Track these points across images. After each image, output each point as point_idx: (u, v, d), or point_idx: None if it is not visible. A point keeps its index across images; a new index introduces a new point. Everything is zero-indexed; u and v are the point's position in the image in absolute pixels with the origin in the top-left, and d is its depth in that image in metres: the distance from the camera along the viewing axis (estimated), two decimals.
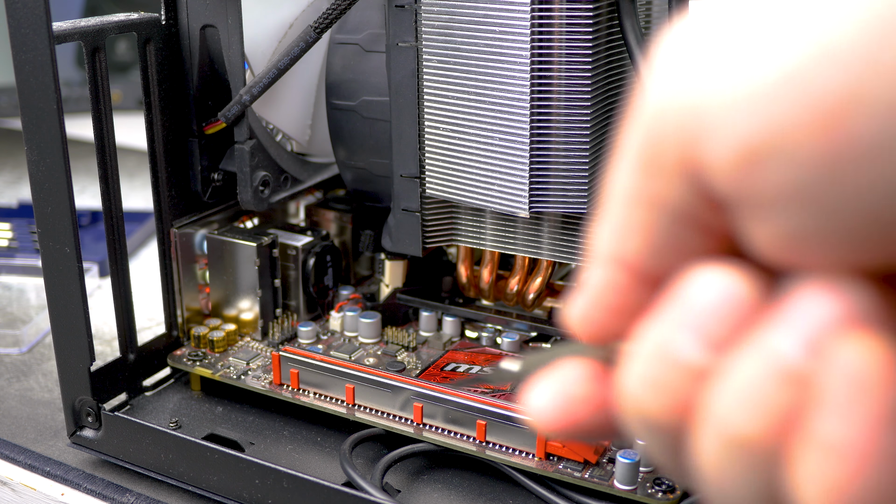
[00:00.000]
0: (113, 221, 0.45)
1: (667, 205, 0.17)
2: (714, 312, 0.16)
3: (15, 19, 0.39)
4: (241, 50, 0.47)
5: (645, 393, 0.17)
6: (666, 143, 0.16)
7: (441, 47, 0.43)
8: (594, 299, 0.18)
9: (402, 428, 0.44)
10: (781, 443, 0.15)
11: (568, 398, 0.19)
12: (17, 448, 0.47)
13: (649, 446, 0.18)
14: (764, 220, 0.15)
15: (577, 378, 0.19)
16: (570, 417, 0.19)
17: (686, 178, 0.16)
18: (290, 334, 0.52)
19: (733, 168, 0.15)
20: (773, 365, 0.15)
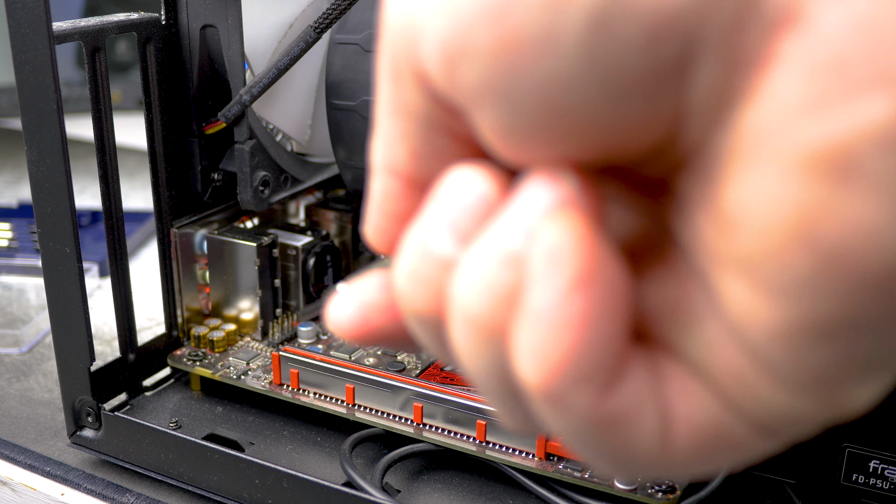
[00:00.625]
0: (113, 221, 0.45)
1: (413, 112, 0.18)
2: (462, 207, 0.17)
3: (15, 19, 0.39)
4: (241, 50, 0.47)
5: (409, 287, 0.18)
6: (398, 55, 0.17)
7: None
8: (377, 209, 0.19)
9: (402, 428, 0.44)
10: (504, 319, 0.16)
11: (364, 305, 0.19)
12: (17, 448, 0.47)
13: (423, 340, 0.19)
14: (477, 117, 0.16)
15: (374, 286, 0.20)
16: (366, 324, 0.19)
17: (418, 84, 0.17)
18: (290, 334, 0.52)
19: (440, 70, 0.16)
20: (496, 250, 0.16)
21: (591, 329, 0.15)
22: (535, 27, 0.15)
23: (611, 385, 0.16)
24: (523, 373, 0.16)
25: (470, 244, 0.17)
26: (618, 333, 0.16)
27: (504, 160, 0.17)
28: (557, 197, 0.16)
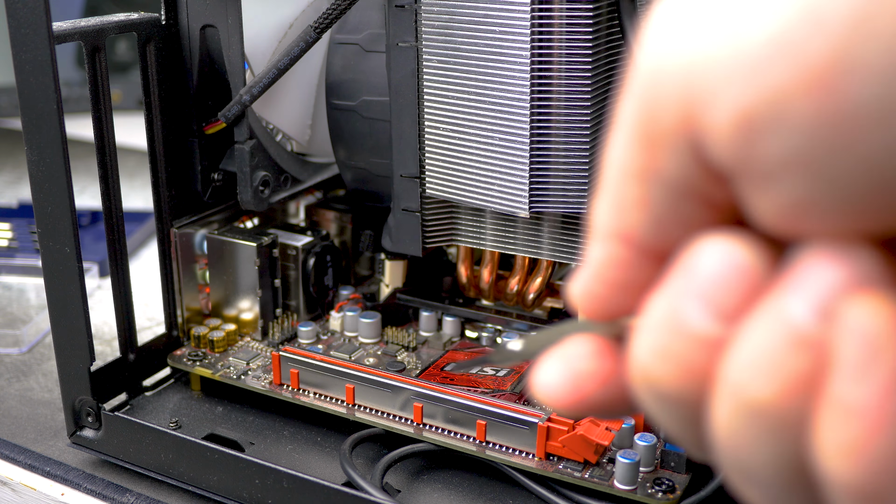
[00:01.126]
0: (113, 221, 0.45)
1: (665, 177, 0.16)
2: (721, 281, 0.16)
3: (15, 19, 0.39)
4: (241, 50, 0.47)
5: (655, 363, 0.17)
6: (661, 115, 0.16)
7: (441, 47, 0.43)
8: (596, 275, 0.18)
9: (402, 428, 0.44)
10: (797, 407, 0.15)
11: (576, 374, 0.19)
12: (17, 448, 0.47)
13: (662, 419, 0.17)
14: (765, 190, 0.15)
15: (584, 354, 0.19)
16: (579, 393, 0.19)
17: (683, 149, 0.16)
18: (290, 334, 0.52)
19: (731, 137, 0.15)
20: (785, 330, 0.15)
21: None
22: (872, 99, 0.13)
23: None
24: (834, 468, 0.14)
25: (732, 322, 0.16)
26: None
27: (771, 230, 0.16)
28: (856, 274, 0.15)
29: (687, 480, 0.40)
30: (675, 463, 0.40)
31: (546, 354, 0.19)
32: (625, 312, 0.18)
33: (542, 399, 0.19)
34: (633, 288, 0.18)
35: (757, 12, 0.14)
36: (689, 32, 0.15)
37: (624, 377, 0.18)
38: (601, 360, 0.19)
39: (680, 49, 0.16)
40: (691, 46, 0.15)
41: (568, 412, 0.19)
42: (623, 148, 0.17)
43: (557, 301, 0.51)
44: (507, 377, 0.46)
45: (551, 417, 0.41)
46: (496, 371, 0.46)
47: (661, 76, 0.16)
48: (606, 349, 0.19)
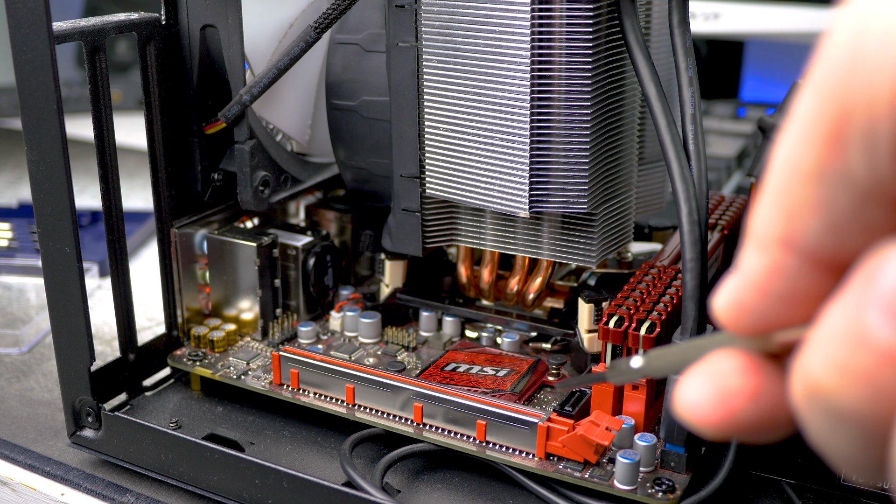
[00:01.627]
0: (113, 221, 0.45)
1: (853, 178, 0.15)
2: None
3: (15, 19, 0.39)
4: (241, 50, 0.47)
5: (834, 379, 0.15)
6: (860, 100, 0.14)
7: (441, 47, 0.43)
8: (754, 286, 0.17)
9: (402, 428, 0.44)
10: None
11: (724, 390, 0.17)
12: (17, 448, 0.47)
13: (833, 439, 0.16)
14: None
15: (732, 369, 0.18)
16: (728, 410, 0.17)
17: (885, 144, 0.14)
18: (290, 334, 0.52)
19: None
20: None
21: None
22: None
23: None
24: None
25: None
26: None
27: None
28: None
29: (687, 480, 0.40)
30: (675, 463, 0.40)
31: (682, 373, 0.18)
32: (779, 326, 0.17)
33: (687, 417, 0.18)
34: (794, 300, 0.16)
35: None
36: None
37: (777, 394, 0.17)
38: (751, 376, 0.17)
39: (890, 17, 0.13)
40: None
41: (715, 432, 0.18)
42: (799, 144, 0.15)
43: (557, 301, 0.51)
44: (507, 377, 0.46)
45: (551, 417, 0.41)
46: (496, 371, 0.46)
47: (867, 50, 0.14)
48: (754, 365, 0.18)
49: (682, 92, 0.40)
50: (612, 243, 0.46)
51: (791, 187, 0.16)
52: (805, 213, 0.16)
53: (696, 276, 0.38)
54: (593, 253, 0.44)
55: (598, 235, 0.44)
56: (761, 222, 0.16)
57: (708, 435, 0.18)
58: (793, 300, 0.16)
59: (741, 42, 1.09)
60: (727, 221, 0.51)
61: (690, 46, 0.41)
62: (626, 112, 0.45)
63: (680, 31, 0.41)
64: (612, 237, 0.46)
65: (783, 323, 0.17)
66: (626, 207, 0.47)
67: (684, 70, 0.40)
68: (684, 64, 0.40)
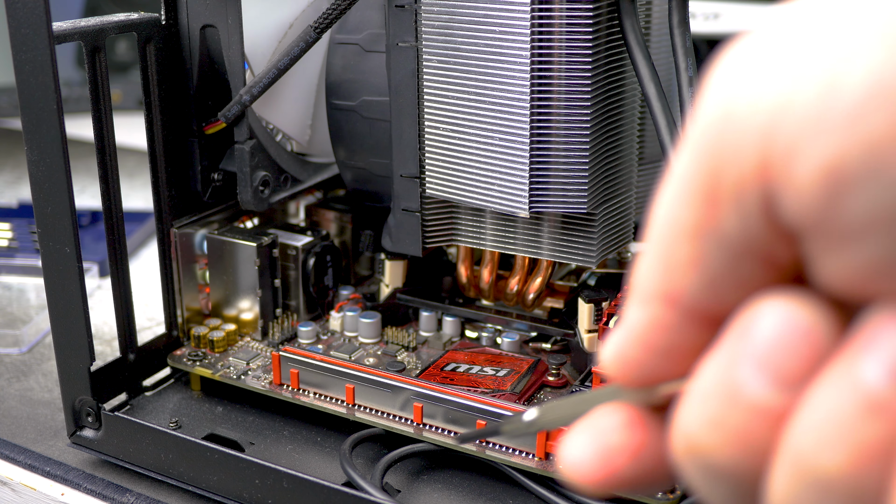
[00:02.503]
0: (113, 221, 0.45)
1: (726, 236, 0.15)
2: (783, 347, 0.14)
3: (15, 19, 0.39)
4: (241, 50, 0.47)
5: (708, 435, 0.15)
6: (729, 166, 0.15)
7: (441, 47, 0.43)
8: (636, 339, 0.17)
9: (402, 428, 0.44)
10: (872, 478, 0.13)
11: (605, 447, 0.17)
12: (17, 448, 0.47)
13: (710, 493, 0.16)
14: (842, 251, 0.14)
15: (615, 426, 0.18)
16: (610, 468, 0.17)
17: (752, 205, 0.15)
18: (290, 334, 0.52)
19: (814, 193, 0.14)
20: (857, 395, 0.13)
21: None
22: None
23: None
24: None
25: (795, 389, 0.14)
26: None
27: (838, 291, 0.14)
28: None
29: None
30: None
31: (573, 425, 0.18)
32: (663, 379, 0.17)
33: (570, 475, 0.18)
34: (676, 353, 0.17)
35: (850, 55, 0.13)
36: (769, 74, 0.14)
37: (659, 449, 0.17)
38: (633, 432, 0.17)
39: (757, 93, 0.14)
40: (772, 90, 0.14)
41: (597, 489, 0.18)
42: (677, 203, 0.16)
43: (557, 301, 0.51)
44: (507, 377, 0.46)
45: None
46: (496, 371, 0.46)
47: (734, 123, 0.14)
48: (638, 419, 0.18)
49: (682, 92, 0.40)
50: (612, 243, 0.46)
51: (670, 243, 0.16)
52: (683, 268, 0.16)
53: None
54: (593, 253, 0.44)
55: (598, 235, 0.44)
56: (643, 276, 0.17)
57: (590, 493, 0.18)
58: (674, 354, 0.17)
59: None
60: None
61: (690, 46, 0.41)
62: (626, 112, 0.45)
63: (680, 31, 0.41)
64: (612, 237, 0.46)
65: (666, 376, 0.17)
66: (626, 207, 0.47)
67: (684, 70, 0.40)
68: (684, 64, 0.40)
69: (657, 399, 0.17)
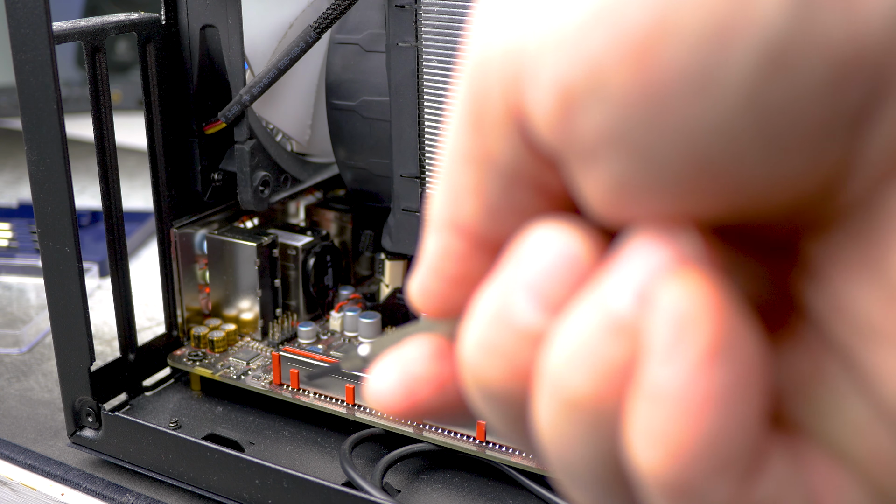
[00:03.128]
0: (113, 221, 0.45)
1: (496, 162, 0.16)
2: (548, 271, 0.15)
3: (15, 19, 0.39)
4: (241, 50, 0.47)
5: (482, 359, 0.16)
6: (489, 96, 0.15)
7: (441, 47, 0.43)
8: (433, 269, 0.17)
9: (402, 428, 0.44)
10: (614, 399, 0.14)
11: (409, 377, 0.17)
12: (17, 448, 0.47)
13: (491, 418, 0.16)
14: (589, 171, 0.14)
15: (420, 356, 0.18)
16: (413, 398, 0.17)
17: (511, 131, 0.15)
18: (290, 334, 0.52)
19: (552, 115, 0.14)
20: (602, 318, 0.14)
21: (728, 408, 0.13)
22: (690, 66, 0.12)
23: (752, 475, 0.14)
24: (643, 460, 0.13)
25: (559, 313, 0.15)
26: (757, 413, 0.13)
27: (601, 216, 0.15)
28: (677, 255, 0.14)
29: None
30: None
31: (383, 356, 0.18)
32: (462, 308, 0.17)
33: (373, 405, 0.18)
34: (469, 281, 0.17)
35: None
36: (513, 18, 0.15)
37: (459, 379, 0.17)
38: (438, 363, 0.18)
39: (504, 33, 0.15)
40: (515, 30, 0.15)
41: (402, 417, 0.18)
42: (457, 133, 0.16)
43: None
44: None
45: None
46: None
47: (487, 61, 0.15)
48: (446, 351, 0.18)
49: None
50: None
51: (454, 172, 0.16)
52: (465, 195, 0.16)
53: None
54: None
55: None
56: (435, 206, 0.17)
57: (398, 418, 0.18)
58: (468, 282, 0.17)
59: None
60: None
61: None
62: None
63: None
64: None
65: (462, 303, 0.17)
66: None
67: None
68: None
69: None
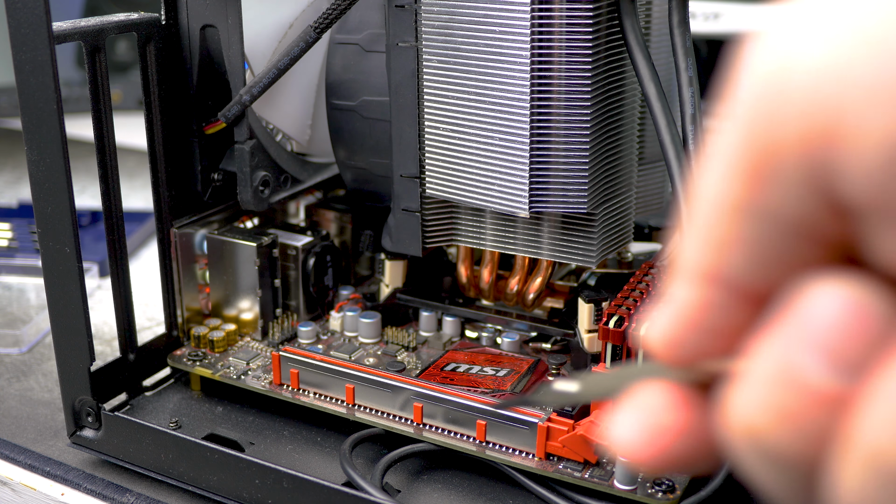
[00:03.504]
0: (113, 221, 0.45)
1: (777, 213, 0.15)
2: (843, 330, 0.14)
3: (15, 19, 0.39)
4: (241, 50, 0.47)
5: (766, 421, 0.15)
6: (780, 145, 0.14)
7: (441, 47, 0.43)
8: (682, 319, 0.17)
9: (402, 428, 0.44)
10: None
11: (654, 426, 0.17)
12: (17, 448, 0.47)
13: (766, 477, 0.16)
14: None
15: (663, 404, 0.17)
16: (659, 446, 0.17)
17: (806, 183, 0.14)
18: (290, 334, 0.52)
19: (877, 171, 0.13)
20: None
21: None
22: None
23: None
24: None
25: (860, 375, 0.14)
26: None
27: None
28: None
29: (687, 480, 0.40)
30: None
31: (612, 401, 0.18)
32: (707, 357, 0.17)
33: (620, 453, 0.18)
34: (721, 332, 0.16)
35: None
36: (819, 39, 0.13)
37: (704, 428, 0.17)
38: (679, 411, 0.17)
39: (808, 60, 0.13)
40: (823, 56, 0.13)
41: (648, 468, 0.17)
42: (721, 179, 0.15)
43: (557, 301, 0.51)
44: (507, 377, 0.46)
45: (551, 417, 0.41)
46: (496, 371, 0.46)
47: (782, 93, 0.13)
48: (683, 398, 0.18)
49: (682, 92, 0.40)
50: (612, 243, 0.46)
51: (714, 220, 0.16)
52: (729, 246, 0.15)
53: None
54: (593, 253, 0.44)
55: (598, 235, 0.44)
56: (688, 255, 0.16)
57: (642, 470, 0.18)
58: (719, 332, 0.16)
59: None
60: None
61: (690, 46, 0.41)
62: (626, 112, 0.45)
63: (680, 31, 0.41)
64: (612, 237, 0.46)
65: (711, 354, 0.17)
66: (626, 207, 0.47)
67: (684, 70, 0.40)
68: (684, 64, 0.40)
69: (700, 377, 0.17)
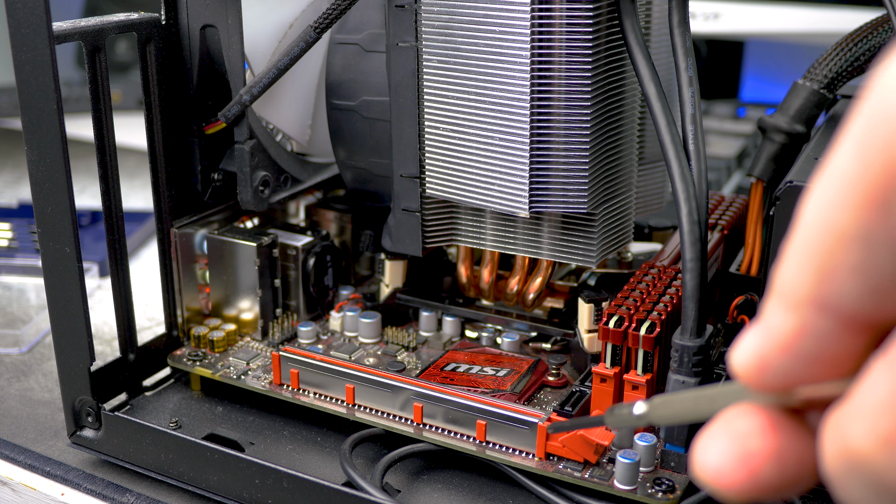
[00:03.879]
0: (113, 221, 0.45)
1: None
2: None
3: (15, 19, 0.39)
4: (241, 50, 0.47)
5: (879, 451, 0.14)
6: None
7: (441, 47, 0.43)
8: (782, 345, 0.16)
9: (402, 428, 0.44)
10: None
11: (746, 452, 0.17)
12: (17, 448, 0.47)
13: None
14: None
15: (755, 429, 0.17)
16: (751, 475, 0.17)
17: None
18: (290, 334, 0.52)
19: None
20: None
21: None
22: None
23: None
24: None
25: None
26: None
27: None
28: None
29: (687, 480, 0.40)
30: (675, 463, 0.40)
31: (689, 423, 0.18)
32: (803, 383, 0.16)
33: (709, 481, 0.17)
34: (824, 360, 0.16)
35: None
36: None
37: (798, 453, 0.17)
38: (772, 436, 0.17)
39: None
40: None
41: (738, 495, 0.17)
42: (837, 205, 0.14)
43: (557, 301, 0.51)
44: (507, 377, 0.46)
45: (551, 417, 0.41)
46: (496, 371, 0.46)
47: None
48: (774, 422, 0.17)
49: (682, 92, 0.40)
50: (612, 243, 0.46)
51: (826, 248, 0.15)
52: (843, 275, 0.15)
53: (696, 275, 0.38)
54: (593, 253, 0.44)
55: (598, 235, 0.44)
56: (790, 281, 0.16)
57: (730, 499, 0.17)
58: (822, 360, 0.16)
59: (741, 42, 1.09)
60: (727, 221, 0.51)
61: (690, 46, 0.41)
62: (626, 112, 0.45)
63: (680, 31, 0.41)
64: (612, 237, 0.46)
65: (808, 380, 0.16)
66: (626, 207, 0.47)
67: (684, 70, 0.40)
68: (684, 64, 0.40)
69: (793, 402, 0.17)
